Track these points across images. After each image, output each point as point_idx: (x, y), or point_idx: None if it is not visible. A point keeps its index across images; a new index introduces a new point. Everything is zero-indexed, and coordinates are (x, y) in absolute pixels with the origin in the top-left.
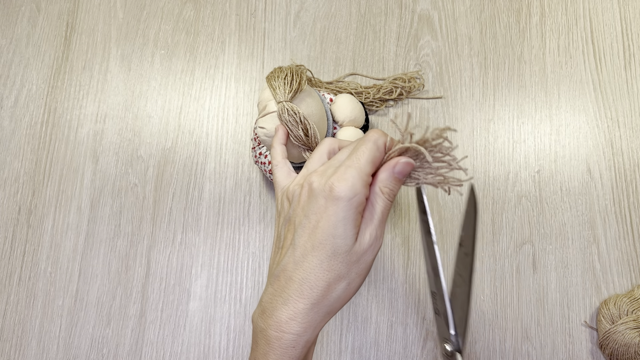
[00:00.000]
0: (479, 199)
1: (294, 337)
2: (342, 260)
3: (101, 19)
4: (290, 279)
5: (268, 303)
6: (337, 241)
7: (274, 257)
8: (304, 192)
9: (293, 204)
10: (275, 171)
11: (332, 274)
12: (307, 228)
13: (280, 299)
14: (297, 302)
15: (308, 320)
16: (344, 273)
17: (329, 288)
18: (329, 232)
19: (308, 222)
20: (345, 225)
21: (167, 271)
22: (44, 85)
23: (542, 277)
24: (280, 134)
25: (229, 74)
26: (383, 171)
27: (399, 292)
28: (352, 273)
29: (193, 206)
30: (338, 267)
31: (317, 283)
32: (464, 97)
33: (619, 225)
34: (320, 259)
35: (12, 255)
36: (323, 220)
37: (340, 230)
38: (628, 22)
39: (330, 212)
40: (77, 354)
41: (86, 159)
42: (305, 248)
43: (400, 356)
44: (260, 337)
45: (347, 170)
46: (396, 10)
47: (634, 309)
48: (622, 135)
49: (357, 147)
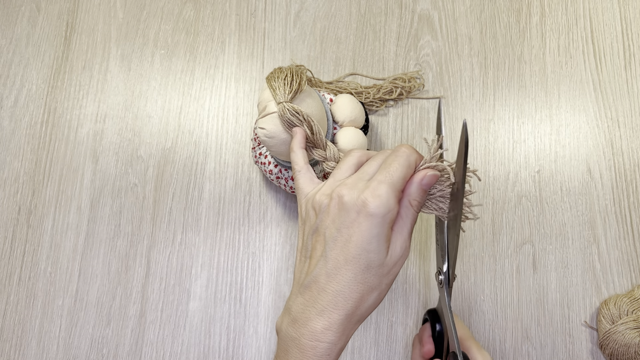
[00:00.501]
0: (469, 136)
1: (329, 345)
2: (374, 273)
3: (101, 19)
4: (324, 290)
5: (300, 313)
6: (371, 256)
7: (300, 266)
8: (333, 204)
9: (321, 214)
10: (298, 177)
11: (365, 286)
12: (339, 241)
13: (314, 310)
14: (332, 313)
15: (342, 330)
16: (375, 285)
17: (362, 299)
18: (362, 247)
19: (340, 235)
20: (379, 241)
21: (167, 271)
22: (43, 85)
23: (542, 277)
24: (299, 137)
25: (229, 74)
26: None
27: (399, 292)
28: (383, 284)
29: (193, 206)
30: (371, 279)
31: (351, 295)
32: (464, 97)
33: (619, 225)
34: (354, 273)
35: (12, 255)
36: (356, 235)
37: (374, 246)
38: (628, 22)
39: (364, 228)
40: (77, 354)
41: (86, 159)
42: (337, 261)
43: (400, 356)
44: (291, 345)
45: (380, 185)
46: (396, 10)
47: (634, 309)
48: (622, 135)
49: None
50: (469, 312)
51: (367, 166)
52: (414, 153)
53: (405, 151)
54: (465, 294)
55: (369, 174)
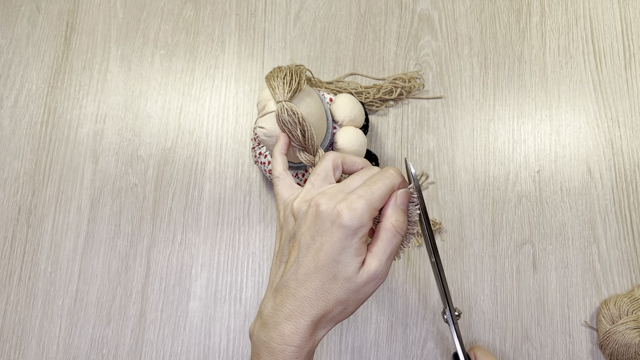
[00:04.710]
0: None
1: (296, 349)
2: (341, 286)
3: (101, 19)
4: (293, 295)
5: (270, 317)
6: (339, 267)
7: (275, 270)
8: (310, 212)
9: (298, 221)
10: (277, 183)
11: (331, 297)
12: (312, 249)
13: (282, 314)
14: (299, 318)
15: (309, 334)
16: (342, 299)
17: (327, 309)
18: (332, 257)
19: (313, 243)
20: (348, 253)
21: (167, 271)
22: (43, 85)
23: (542, 277)
24: (281, 143)
25: (229, 74)
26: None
27: (399, 292)
28: (350, 300)
29: (193, 206)
30: (337, 292)
31: (317, 303)
32: (464, 97)
33: (619, 225)
34: (322, 281)
35: (12, 255)
36: (327, 244)
37: (343, 257)
38: (628, 22)
39: (335, 238)
40: (77, 354)
41: (86, 159)
42: (308, 268)
43: (400, 356)
44: (262, 349)
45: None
46: (396, 10)
47: (634, 309)
48: (622, 135)
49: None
50: (469, 312)
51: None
52: (399, 177)
53: (392, 173)
54: (465, 294)
55: (351, 187)
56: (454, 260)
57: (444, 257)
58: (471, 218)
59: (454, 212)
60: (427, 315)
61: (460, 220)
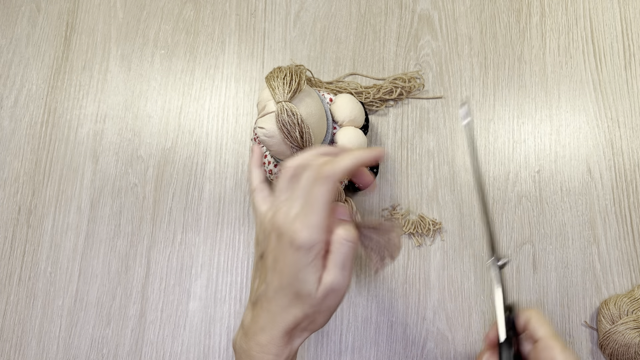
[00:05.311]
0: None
1: (274, 356)
2: (304, 302)
3: (101, 19)
4: (266, 309)
5: (249, 327)
6: (300, 285)
7: (253, 282)
8: (273, 235)
9: (266, 241)
10: (254, 196)
11: (299, 312)
12: (276, 270)
13: (258, 325)
14: (271, 330)
15: (284, 343)
16: (309, 313)
17: (297, 322)
18: (292, 276)
19: (276, 264)
20: (307, 272)
21: (167, 271)
22: (43, 85)
23: (542, 277)
24: (256, 156)
25: (229, 74)
26: (332, 222)
27: (399, 292)
28: (316, 314)
29: (193, 206)
30: (302, 307)
31: (287, 317)
32: (464, 97)
33: (619, 225)
34: (288, 299)
35: (12, 255)
36: (288, 266)
37: (302, 276)
38: (628, 22)
39: (293, 260)
40: (77, 354)
41: (86, 159)
42: (275, 287)
43: (400, 356)
44: (244, 357)
45: (307, 217)
46: (396, 10)
47: (634, 309)
48: (622, 135)
49: (312, 191)
50: (469, 312)
51: (301, 178)
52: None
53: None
54: (465, 294)
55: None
56: (454, 260)
57: (444, 257)
58: (471, 218)
59: (454, 212)
60: (427, 315)
61: (460, 220)
